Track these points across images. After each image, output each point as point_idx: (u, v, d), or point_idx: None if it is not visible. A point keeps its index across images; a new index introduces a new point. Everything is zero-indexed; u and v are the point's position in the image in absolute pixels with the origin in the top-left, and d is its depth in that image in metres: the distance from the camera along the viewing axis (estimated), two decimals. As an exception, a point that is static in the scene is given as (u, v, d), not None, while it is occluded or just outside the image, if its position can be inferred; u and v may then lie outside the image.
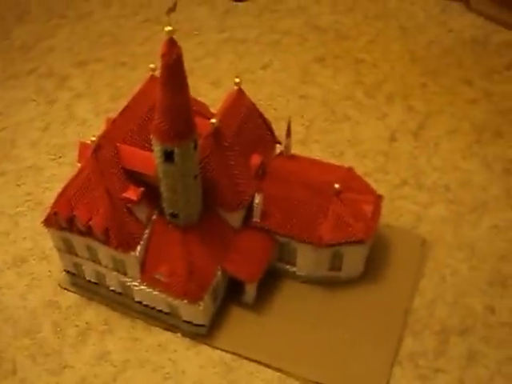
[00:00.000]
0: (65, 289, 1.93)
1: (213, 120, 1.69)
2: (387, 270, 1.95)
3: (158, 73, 1.83)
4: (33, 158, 2.30)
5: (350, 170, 1.91)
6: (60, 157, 2.30)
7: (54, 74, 2.59)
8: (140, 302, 1.84)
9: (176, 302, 1.75)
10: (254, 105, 1.89)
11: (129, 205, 1.69)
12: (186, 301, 1.72)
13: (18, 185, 2.22)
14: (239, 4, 2.86)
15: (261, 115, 1.92)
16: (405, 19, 2.74)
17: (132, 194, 1.69)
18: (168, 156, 1.57)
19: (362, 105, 2.42)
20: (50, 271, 1.98)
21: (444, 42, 2.65)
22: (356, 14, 2.79)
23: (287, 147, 1.93)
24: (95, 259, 1.80)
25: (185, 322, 1.80)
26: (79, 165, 1.79)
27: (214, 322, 1.82)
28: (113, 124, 1.76)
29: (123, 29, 2.78)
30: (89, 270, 1.86)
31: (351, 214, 1.81)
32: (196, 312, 1.75)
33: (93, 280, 1.89)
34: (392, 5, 2.82)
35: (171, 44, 1.44)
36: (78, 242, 1.77)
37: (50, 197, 2.15)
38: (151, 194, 1.73)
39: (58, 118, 2.43)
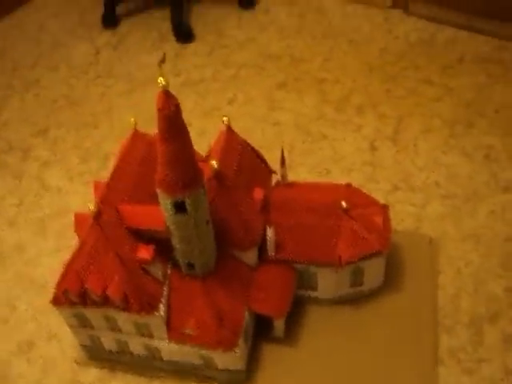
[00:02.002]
0: (83, 365, 1.78)
1: (213, 162, 1.61)
2: (405, 275, 1.90)
3: (138, 127, 1.77)
4: (14, 236, 2.14)
5: (348, 186, 1.85)
6: (43, 230, 2.15)
7: (15, 148, 2.45)
8: (170, 361, 1.72)
9: (210, 353, 1.63)
10: (244, 140, 1.81)
11: (143, 265, 1.58)
12: (220, 350, 1.60)
13: (4, 268, 2.05)
14: (187, 45, 2.80)
15: (253, 149, 1.85)
16: (352, 33, 2.75)
17: (145, 253, 1.57)
18: (179, 207, 1.47)
19: (334, 121, 2.39)
20: (62, 350, 1.83)
21: (394, 49, 2.66)
22: (304, 36, 2.77)
23: (284, 176, 1.86)
24: (114, 328, 1.66)
25: (221, 370, 1.69)
26: (77, 238, 1.67)
27: (249, 363, 1.71)
28: (107, 187, 1.64)
29: (76, 89, 2.66)
30: (108, 341, 1.72)
31: (364, 228, 1.75)
32: (232, 359, 1.64)
33: (114, 349, 1.75)
34: (336, 22, 2.82)
35: (167, 96, 1.35)
36: (94, 314, 1.63)
37: (43, 273, 2.01)
38: (162, 249, 1.62)
39: (30, 191, 2.28)
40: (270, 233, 1.69)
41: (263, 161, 1.86)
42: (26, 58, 2.84)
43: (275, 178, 1.88)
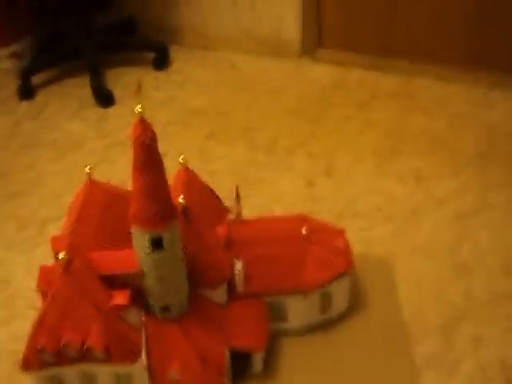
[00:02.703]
0: None
1: (180, 198, 1.59)
2: (367, 296, 1.93)
3: (93, 176, 1.73)
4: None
5: (301, 215, 1.89)
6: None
7: None
8: (152, 415, 1.63)
9: (196, 399, 1.58)
10: (200, 179, 1.81)
11: (119, 312, 1.51)
12: (208, 392, 1.55)
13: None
14: (109, 109, 2.78)
15: (209, 188, 1.85)
16: (268, 83, 2.86)
17: (121, 299, 1.50)
18: (156, 244, 1.44)
19: (267, 164, 2.45)
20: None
21: (310, 93, 2.79)
22: (223, 90, 2.85)
23: (239, 212, 1.86)
24: (93, 387, 1.57)
25: (208, 415, 1.63)
26: (40, 294, 1.58)
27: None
28: (72, 235, 1.57)
29: (1, 160, 2.56)
30: (85, 405, 1.62)
31: (327, 251, 1.79)
32: (220, 400, 1.59)
33: (92, 414, 1.65)
34: (251, 75, 2.93)
35: (143, 124, 1.35)
36: (69, 373, 1.52)
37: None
38: (135, 295, 1.57)
39: (-35, 267, 2.13)
40: (238, 266, 1.68)
41: (219, 199, 1.87)
42: None
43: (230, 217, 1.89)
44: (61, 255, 1.46)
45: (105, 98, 2.78)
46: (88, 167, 1.70)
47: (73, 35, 3.01)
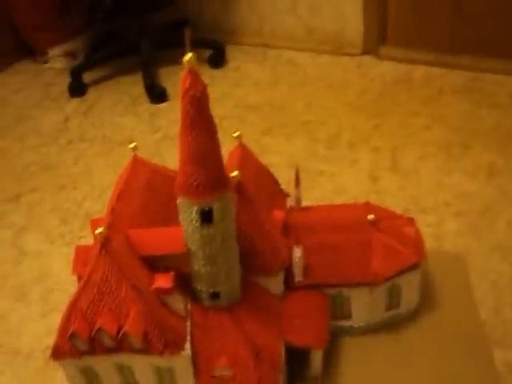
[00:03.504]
0: None
1: (235, 173, 1.38)
2: (439, 294, 1.68)
3: (138, 153, 1.55)
4: (-9, 307, 1.82)
5: (367, 203, 1.65)
6: (24, 296, 1.83)
7: (-17, 218, 2.16)
8: (196, 418, 1.41)
9: (248, 399, 1.34)
10: (257, 159, 1.61)
11: (162, 297, 1.30)
12: (261, 392, 1.32)
13: (-19, 343, 1.72)
14: (160, 105, 2.63)
15: (267, 169, 1.64)
16: (328, 80, 2.66)
17: (164, 281, 1.29)
18: (206, 217, 1.23)
19: (328, 158, 2.23)
20: (58, 428, 1.49)
21: (373, 90, 2.58)
22: (281, 87, 2.66)
23: (298, 198, 1.65)
24: (129, 382, 1.35)
25: (258, 421, 1.39)
26: (75, 277, 1.40)
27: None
28: (113, 213, 1.38)
29: (48, 155, 2.43)
30: (121, 402, 1.41)
31: (397, 240, 1.54)
32: (274, 402, 1.35)
33: (126, 414, 1.44)
34: (310, 72, 2.74)
35: (193, 75, 1.14)
36: (105, 365, 1.31)
37: (28, 342, 1.70)
38: (179, 279, 1.36)
39: (7, 259, 1.97)
40: (297, 253, 1.46)
41: (277, 182, 1.66)
42: (-13, 131, 2.60)
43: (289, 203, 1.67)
44: (99, 230, 1.27)
45: (157, 95, 2.63)
46: (133, 144, 1.52)
47: (127, 33, 2.89)
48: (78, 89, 2.75)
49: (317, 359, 1.47)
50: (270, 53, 2.93)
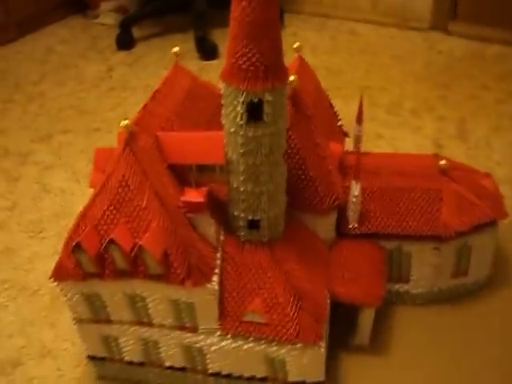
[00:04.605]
0: (91, 386, 1.19)
1: (291, 77, 1.11)
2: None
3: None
4: (3, 240, 1.59)
5: (436, 155, 1.37)
6: (40, 232, 1.60)
7: (12, 153, 1.94)
8: (218, 374, 1.14)
9: (282, 352, 1.06)
10: (318, 79, 1.35)
11: (190, 215, 1.04)
12: (299, 344, 1.04)
13: (-12, 275, 1.49)
14: (209, 62, 2.39)
15: (328, 97, 1.38)
16: (391, 50, 2.39)
17: (195, 195, 1.04)
18: (254, 111, 0.95)
19: (388, 123, 1.95)
20: (59, 369, 1.24)
21: (440, 62, 2.29)
22: (340, 53, 2.40)
23: (358, 137, 1.36)
24: (142, 317, 1.08)
25: (292, 384, 1.12)
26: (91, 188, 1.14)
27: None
28: (144, 109, 1.13)
29: (86, 100, 2.21)
30: (130, 344, 1.14)
31: (471, 191, 1.25)
32: (314, 360, 1.06)
33: (136, 360, 1.17)
34: (373, 41, 2.46)
35: None
36: (114, 292, 1.05)
37: (36, 278, 1.47)
38: (214, 201, 1.10)
39: (27, 194, 1.75)
40: (355, 191, 1.18)
41: (336, 116, 1.39)
42: (30, 75, 2.40)
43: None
44: (124, 122, 1.03)
45: (208, 50, 2.38)
46: (176, 48, 1.28)
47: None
48: (125, 41, 2.54)
49: (366, 321, 1.18)
50: (330, 22, 2.67)
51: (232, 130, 0.98)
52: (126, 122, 1.02)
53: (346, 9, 2.64)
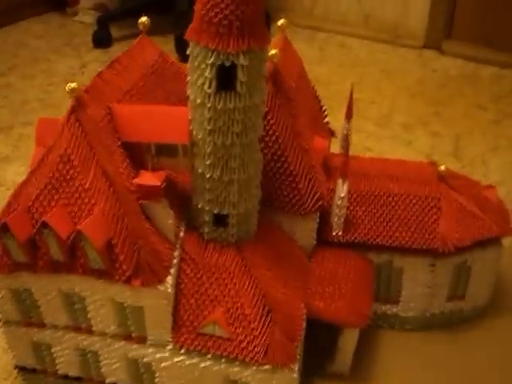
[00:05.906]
0: (15, 404, 0.99)
1: (272, 51, 0.95)
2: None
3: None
4: None
5: (433, 163, 1.21)
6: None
7: (-33, 143, 1.76)
8: (167, 396, 0.95)
9: (245, 375, 0.88)
10: (304, 69, 1.19)
11: (144, 204, 0.87)
12: (267, 365, 0.85)
13: None
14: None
15: (313, 88, 1.22)
16: (383, 65, 2.25)
17: (150, 178, 0.87)
18: (225, 77, 0.79)
19: (378, 136, 1.80)
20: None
21: (434, 79, 2.16)
22: (329, 65, 2.25)
23: (346, 136, 1.19)
24: (81, 323, 0.90)
25: (257, 414, 0.93)
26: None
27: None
28: (98, 77, 0.96)
29: (53, 94, 2.03)
30: (65, 354, 0.95)
31: (473, 203, 1.09)
32: (284, 385, 0.89)
33: (72, 374, 0.97)
34: (363, 55, 2.33)
35: None
36: (48, 289, 0.87)
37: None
38: (173, 188, 0.93)
39: (-23, 187, 1.57)
40: (342, 191, 1.01)
41: (322, 110, 1.23)
42: (-3, 67, 2.23)
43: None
44: (71, 85, 0.86)
45: (186, 50, 2.23)
46: (145, 18, 1.12)
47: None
48: (102, 39, 2.38)
49: (348, 345, 1.00)
50: (320, 35, 2.54)
51: (198, 101, 0.81)
52: (74, 84, 0.85)
53: (336, 22, 2.52)
